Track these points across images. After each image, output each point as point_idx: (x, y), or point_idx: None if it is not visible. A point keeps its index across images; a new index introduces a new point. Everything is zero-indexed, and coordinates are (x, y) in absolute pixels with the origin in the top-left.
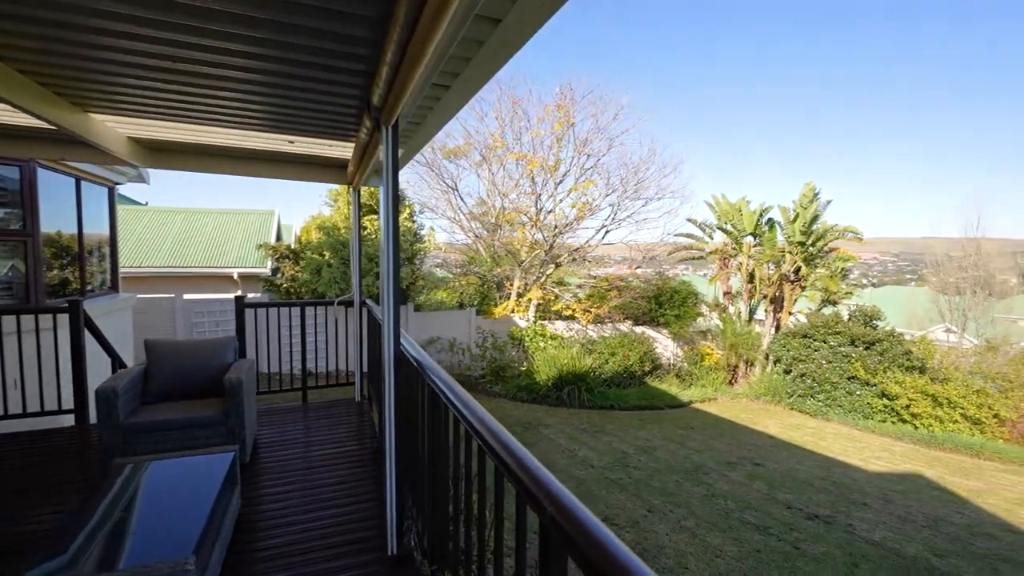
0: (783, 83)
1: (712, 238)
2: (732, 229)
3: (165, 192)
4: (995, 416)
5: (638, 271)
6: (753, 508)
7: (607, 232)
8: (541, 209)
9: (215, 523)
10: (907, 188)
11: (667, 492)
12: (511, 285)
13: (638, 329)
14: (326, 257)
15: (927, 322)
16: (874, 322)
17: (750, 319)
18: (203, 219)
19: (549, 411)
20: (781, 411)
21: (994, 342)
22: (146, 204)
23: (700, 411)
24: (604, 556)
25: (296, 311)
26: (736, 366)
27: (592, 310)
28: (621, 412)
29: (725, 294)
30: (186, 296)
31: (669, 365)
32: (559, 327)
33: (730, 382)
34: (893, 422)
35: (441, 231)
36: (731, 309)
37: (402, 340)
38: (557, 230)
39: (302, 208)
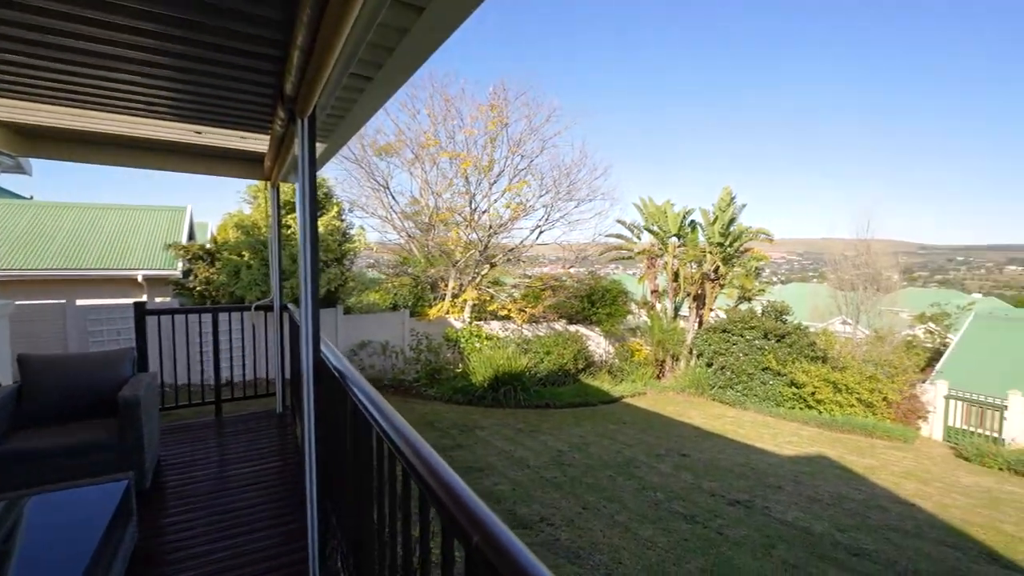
0: (707, 90)
1: (640, 239)
2: (658, 230)
3: (83, 189)
4: (884, 399)
5: (571, 271)
6: (681, 498)
7: (541, 232)
8: (476, 209)
9: (102, 563)
10: (807, 193)
11: (601, 488)
12: (446, 286)
13: (572, 328)
14: (245, 258)
15: (827, 315)
16: (784, 317)
17: (675, 316)
18: (101, 216)
19: (486, 412)
20: (704, 402)
21: (881, 332)
22: (31, 198)
23: (631, 406)
24: None
25: (208, 317)
26: (663, 361)
27: (527, 310)
28: (556, 410)
29: (652, 292)
30: (79, 302)
31: (602, 362)
32: (495, 327)
33: (658, 376)
34: (801, 408)
35: (372, 230)
36: (658, 307)
37: (323, 348)
38: (492, 230)
39: (219, 205)
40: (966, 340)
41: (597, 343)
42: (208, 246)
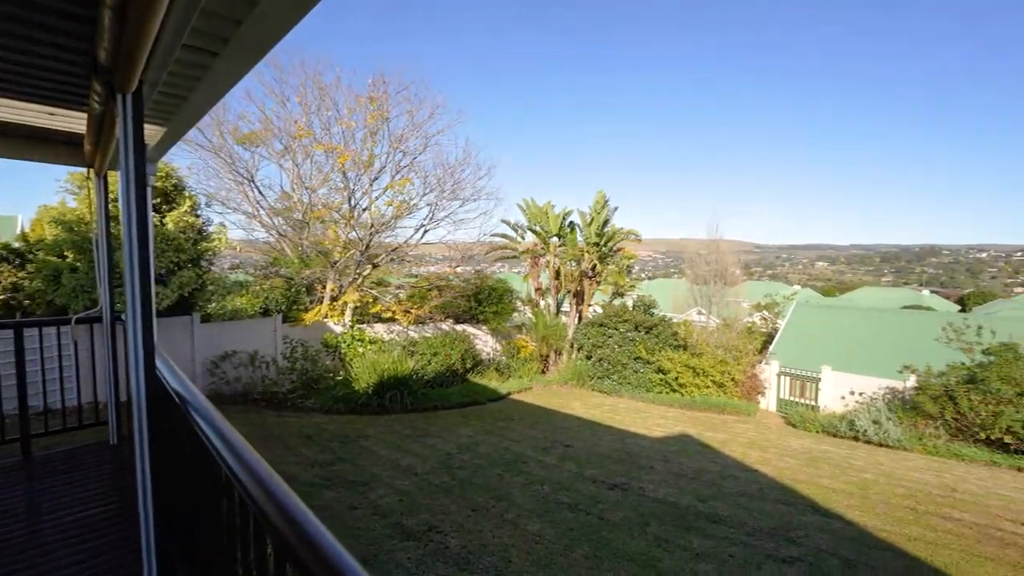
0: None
1: (524, 238)
2: (540, 230)
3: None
4: (732, 379)
5: (458, 270)
6: (566, 488)
7: (426, 232)
8: (356, 206)
9: None
10: (669, 196)
11: (490, 488)
12: (324, 288)
13: (459, 327)
14: (69, 259)
15: (686, 307)
16: (651, 310)
17: (558, 312)
18: None
19: (371, 420)
20: (585, 393)
21: (728, 320)
22: None
23: (518, 401)
24: None
25: (9, 334)
26: (547, 356)
27: (413, 311)
28: (445, 412)
29: (536, 290)
30: None
31: (489, 360)
32: (379, 330)
33: (543, 371)
34: (667, 392)
35: (236, 228)
36: (542, 304)
37: (160, 366)
38: (374, 229)
39: (34, 196)
40: (791, 324)
41: (485, 342)
42: (16, 245)
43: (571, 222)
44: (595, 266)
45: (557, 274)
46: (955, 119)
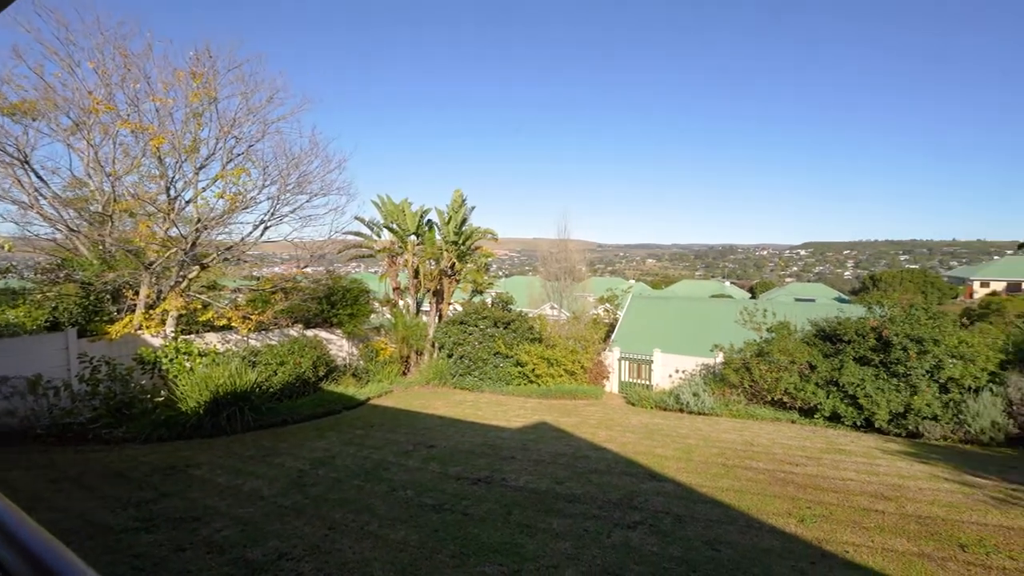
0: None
1: (380, 236)
2: (398, 228)
3: None
4: (582, 367)
5: (308, 270)
6: (430, 490)
7: (266, 228)
8: (177, 198)
9: None
10: (523, 196)
11: (349, 501)
12: (135, 295)
13: (310, 332)
14: None
15: (540, 302)
16: (509, 306)
17: (418, 311)
18: None
19: (203, 445)
20: (448, 391)
21: (577, 313)
22: None
23: (378, 406)
24: None
25: None
26: (408, 357)
27: (254, 317)
28: (296, 425)
29: (395, 290)
30: None
31: (346, 365)
32: (212, 340)
33: (404, 372)
34: (525, 384)
35: (7, 222)
36: (401, 304)
37: None
38: (201, 224)
39: None
40: (628, 314)
41: (340, 346)
42: None
43: (429, 220)
44: (454, 264)
45: (416, 273)
46: (748, 133)
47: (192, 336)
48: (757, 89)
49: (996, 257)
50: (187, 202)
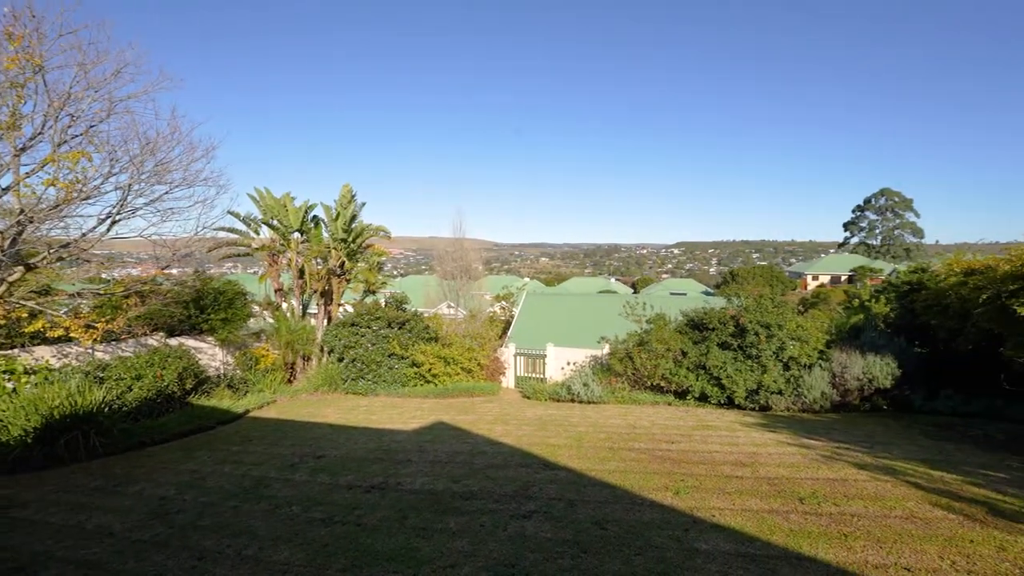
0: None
1: (259, 233)
2: (279, 225)
3: None
4: (479, 364)
5: (172, 271)
6: (319, 503)
7: (115, 222)
8: None
9: None
10: (417, 194)
11: (224, 526)
12: None
13: (174, 341)
14: None
15: (437, 301)
16: (404, 306)
17: (304, 314)
18: None
19: (32, 480)
20: (339, 397)
21: (474, 311)
22: None
23: (259, 419)
24: None
25: None
26: (294, 363)
27: (100, 325)
28: (159, 447)
29: (277, 291)
30: None
31: (220, 376)
32: (44, 355)
33: (289, 380)
34: (422, 384)
35: None
36: (284, 306)
37: None
38: (25, 216)
39: None
40: (523, 311)
41: (212, 355)
42: None
43: (315, 217)
44: (344, 263)
45: (301, 273)
46: (629, 139)
47: (15, 351)
48: (635, 98)
49: (823, 255)
50: (5, 190)
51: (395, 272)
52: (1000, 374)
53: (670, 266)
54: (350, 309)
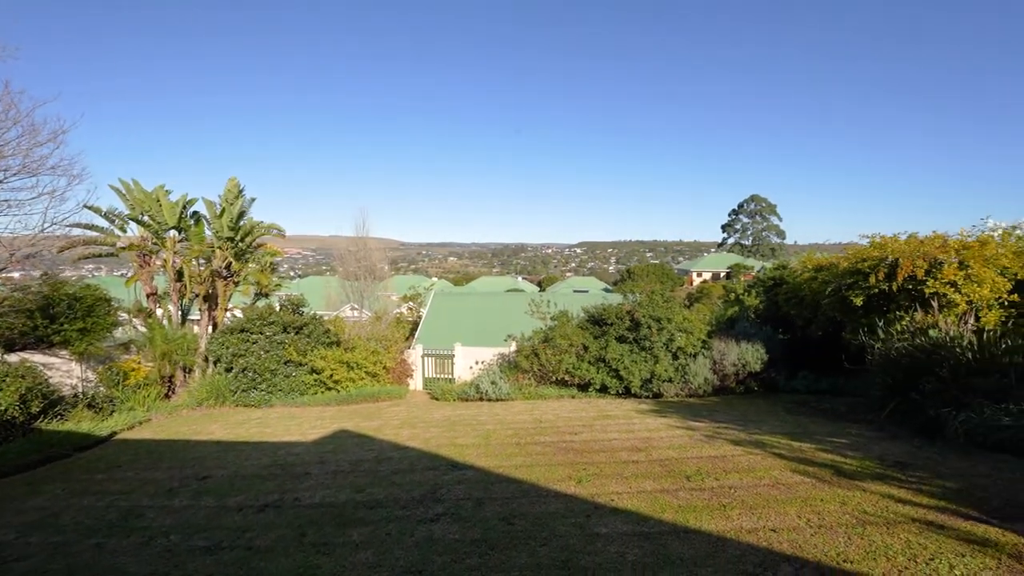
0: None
1: (126, 231)
2: (151, 221)
3: None
4: (384, 367)
5: (12, 275)
6: (202, 529)
7: None
8: None
9: None
10: (317, 193)
11: (80, 568)
12: None
13: (14, 357)
14: None
15: (339, 303)
16: (301, 309)
17: (184, 321)
18: None
19: None
20: (228, 411)
21: (379, 313)
22: None
23: (129, 441)
24: None
25: None
26: (172, 376)
27: None
28: None
29: (150, 296)
30: None
31: (78, 395)
32: None
33: (167, 395)
34: (323, 392)
35: None
36: (160, 312)
37: None
38: None
39: None
40: (431, 311)
41: (67, 371)
42: None
43: (195, 213)
44: (231, 264)
45: (180, 275)
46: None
47: None
48: (528, 101)
49: (706, 254)
50: None
51: (292, 273)
52: (842, 355)
53: (573, 265)
54: (239, 314)
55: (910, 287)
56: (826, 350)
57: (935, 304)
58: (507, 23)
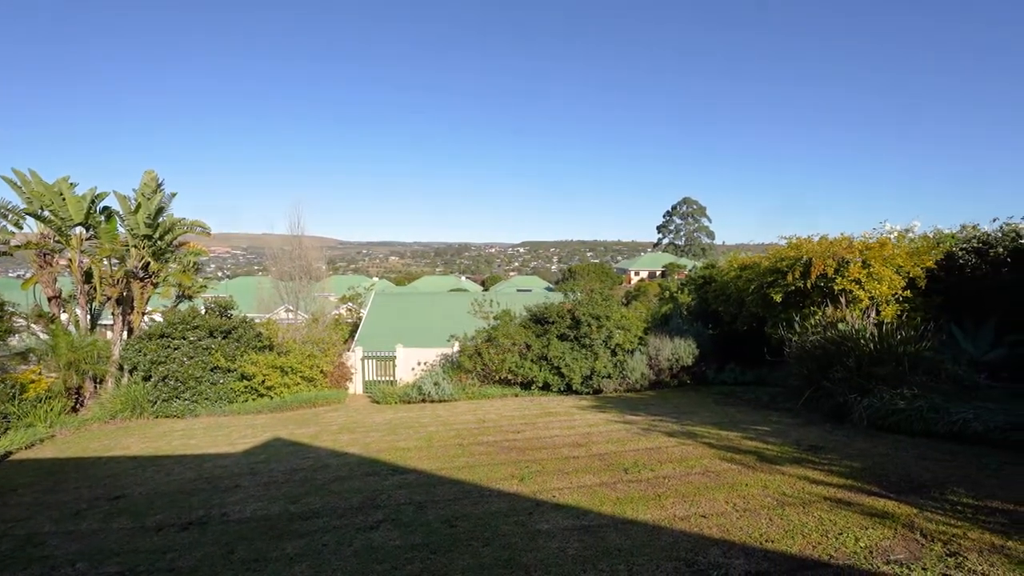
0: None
1: (22, 227)
2: (53, 217)
3: None
4: (321, 371)
5: None
6: (115, 554)
7: None
8: None
9: None
10: (248, 189)
11: None
12: None
13: None
14: None
15: (273, 305)
16: (229, 312)
17: (93, 327)
18: None
19: None
20: (146, 423)
21: (316, 315)
22: None
23: (26, 461)
24: None
25: None
26: (81, 387)
27: None
28: None
29: (52, 299)
30: None
31: None
32: None
33: (75, 409)
34: (254, 399)
35: None
36: (65, 317)
37: None
38: None
39: None
40: (372, 312)
41: None
42: None
43: (106, 208)
44: (148, 264)
45: (88, 276)
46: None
47: None
48: (466, 103)
49: (643, 253)
50: None
51: (220, 273)
52: (764, 348)
53: (517, 264)
54: (159, 318)
55: (822, 284)
56: (751, 344)
57: (843, 300)
58: (439, 22)
